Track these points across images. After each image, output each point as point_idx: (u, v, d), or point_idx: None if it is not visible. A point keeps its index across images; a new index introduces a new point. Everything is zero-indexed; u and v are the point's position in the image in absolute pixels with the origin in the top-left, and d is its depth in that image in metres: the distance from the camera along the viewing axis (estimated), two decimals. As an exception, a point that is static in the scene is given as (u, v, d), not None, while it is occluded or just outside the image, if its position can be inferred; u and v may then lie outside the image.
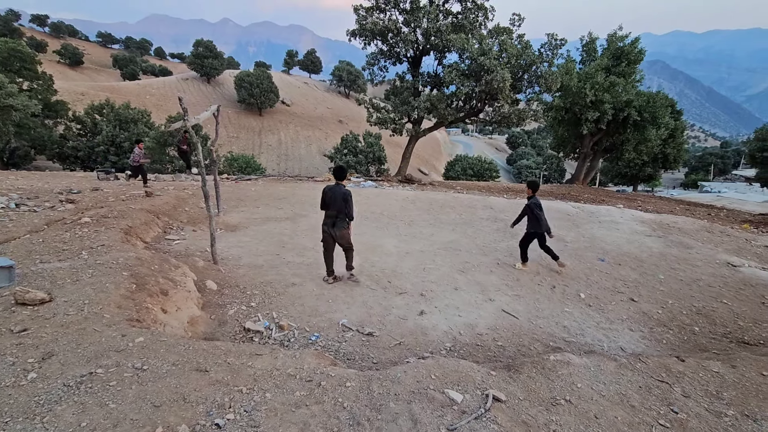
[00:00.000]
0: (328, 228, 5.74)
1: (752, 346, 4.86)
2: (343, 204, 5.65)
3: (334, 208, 5.68)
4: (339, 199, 5.63)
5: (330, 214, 5.72)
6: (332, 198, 5.66)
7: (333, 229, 5.73)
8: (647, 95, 21.04)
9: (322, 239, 5.87)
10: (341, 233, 5.77)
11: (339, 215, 5.69)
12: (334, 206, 5.67)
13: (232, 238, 7.71)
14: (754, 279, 6.91)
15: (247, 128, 60.10)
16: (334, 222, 5.71)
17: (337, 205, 5.64)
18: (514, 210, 11.02)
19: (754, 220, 13.69)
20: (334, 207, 5.67)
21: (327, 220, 5.75)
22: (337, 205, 5.65)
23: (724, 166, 75.22)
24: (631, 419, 2.98)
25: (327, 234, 5.78)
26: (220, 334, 4.55)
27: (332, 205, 5.67)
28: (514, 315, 5.47)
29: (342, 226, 5.74)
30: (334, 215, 5.70)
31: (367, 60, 18.07)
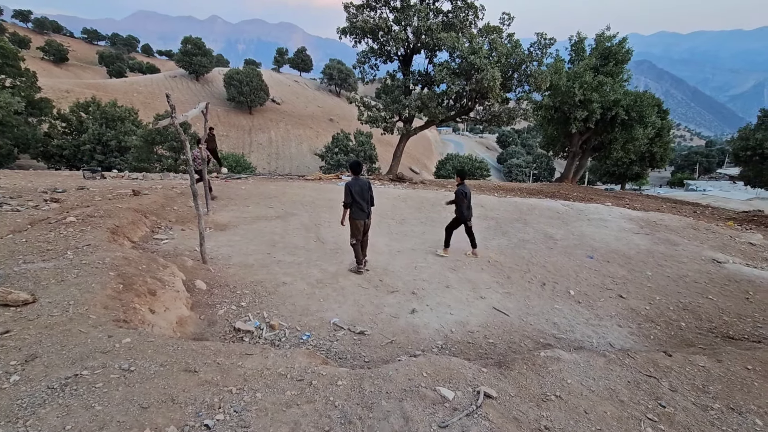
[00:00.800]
0: (365, 219, 6.23)
1: (737, 341, 4.95)
2: (369, 194, 6.25)
3: (363, 199, 6.15)
4: (366, 190, 6.19)
5: (362, 206, 6.15)
6: (360, 191, 6.10)
7: (368, 221, 6.29)
8: (634, 95, 21.31)
9: (354, 232, 6.25)
10: (370, 223, 6.40)
11: (369, 205, 6.29)
12: (363, 198, 6.13)
13: (222, 237, 7.63)
14: (738, 275, 7.05)
15: (237, 127, 59.57)
16: (369, 213, 6.27)
17: (365, 195, 6.17)
18: (504, 208, 11.11)
19: (738, 218, 13.97)
20: (363, 198, 6.14)
21: (361, 214, 6.17)
22: (365, 196, 6.16)
23: (709, 165, 76.63)
24: (620, 414, 3.02)
25: (362, 225, 6.24)
26: (209, 335, 4.50)
27: (361, 197, 6.12)
28: (505, 312, 5.50)
29: (371, 215, 6.36)
30: (366, 206, 6.21)
31: (357, 58, 18.01)
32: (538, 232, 9.13)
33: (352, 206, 6.13)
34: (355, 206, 6.11)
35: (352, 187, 6.07)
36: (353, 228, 6.22)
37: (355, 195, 6.05)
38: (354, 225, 6.21)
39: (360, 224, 6.21)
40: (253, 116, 63.02)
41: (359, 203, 6.10)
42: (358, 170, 6.21)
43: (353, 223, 6.19)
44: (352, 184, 6.09)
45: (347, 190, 6.06)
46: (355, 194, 6.05)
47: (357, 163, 6.26)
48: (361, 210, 6.15)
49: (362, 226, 6.23)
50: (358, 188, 6.09)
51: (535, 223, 9.80)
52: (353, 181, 6.14)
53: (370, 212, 6.28)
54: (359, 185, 6.14)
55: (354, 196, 6.05)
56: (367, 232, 6.41)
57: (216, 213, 8.98)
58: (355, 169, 6.22)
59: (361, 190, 6.11)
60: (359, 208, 6.12)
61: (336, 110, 76.43)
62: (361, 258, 6.40)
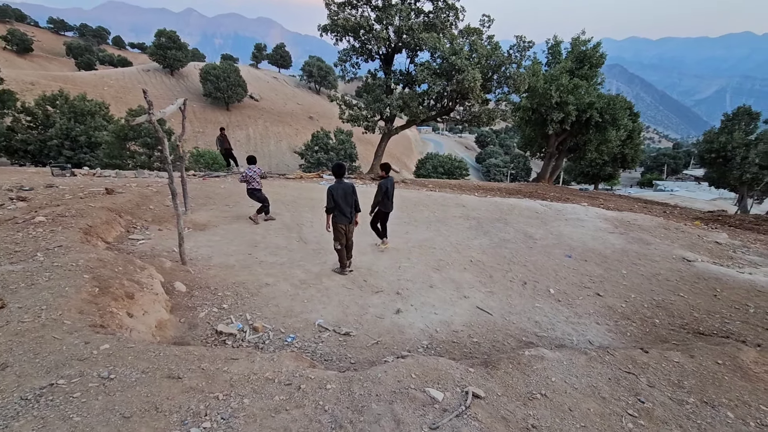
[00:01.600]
0: (347, 225, 6.16)
1: (707, 336, 5.18)
2: (353, 198, 6.15)
3: (347, 204, 6.05)
4: (349, 194, 6.09)
5: (344, 211, 6.04)
6: (343, 195, 6.00)
7: (351, 225, 6.19)
8: (608, 98, 21.99)
9: (337, 236, 6.15)
10: (353, 227, 6.34)
11: (352, 210, 6.19)
12: (346, 202, 6.03)
13: (201, 238, 7.44)
14: (706, 273, 7.37)
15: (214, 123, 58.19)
16: (352, 218, 6.16)
17: (349, 200, 6.06)
18: (485, 208, 11.26)
19: (704, 217, 14.61)
20: (346, 203, 6.03)
21: (343, 218, 6.06)
22: (348, 200, 6.05)
23: (676, 166, 79.82)
24: (603, 410, 3.11)
25: (345, 229, 6.17)
26: (190, 338, 4.38)
27: (344, 201, 6.01)
28: (489, 311, 5.58)
29: (353, 220, 6.29)
30: (349, 210, 6.10)
31: (339, 56, 17.88)
32: (519, 232, 9.31)
33: (335, 210, 6.02)
34: (338, 210, 5.99)
35: (334, 191, 5.94)
36: (336, 232, 6.12)
37: (338, 199, 5.94)
38: (337, 229, 6.11)
39: (342, 228, 6.12)
40: (230, 113, 61.73)
41: (342, 208, 5.98)
42: (340, 173, 6.05)
43: (336, 228, 6.10)
44: (334, 188, 5.96)
45: (329, 195, 5.93)
46: (337, 198, 5.93)
47: (339, 166, 6.09)
48: (344, 215, 6.04)
49: (345, 230, 6.15)
50: (341, 192, 5.98)
51: (516, 223, 9.98)
52: (336, 185, 6.00)
53: (353, 217, 6.20)
54: (342, 189, 6.02)
55: (336, 201, 5.93)
56: (350, 237, 6.35)
57: (194, 212, 8.75)
58: (338, 172, 6.05)
59: (344, 194, 6.00)
60: (341, 212, 6.01)
61: (316, 108, 75.72)
62: (345, 262, 6.35)
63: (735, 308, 6.06)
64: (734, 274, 7.32)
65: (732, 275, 7.26)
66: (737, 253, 8.83)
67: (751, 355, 4.20)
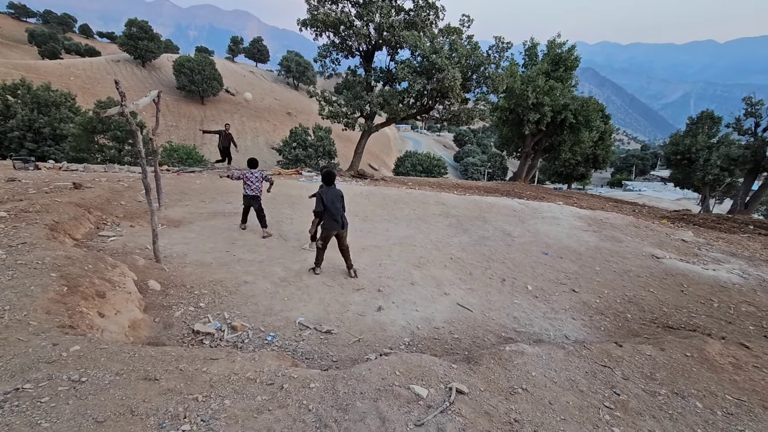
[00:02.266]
0: (338, 230, 6.01)
1: (676, 330, 5.40)
2: (342, 204, 6.07)
3: (336, 209, 5.92)
4: (338, 199, 6.01)
5: (335, 216, 5.91)
6: (332, 200, 5.88)
7: (343, 230, 6.06)
8: (581, 100, 22.62)
9: (322, 237, 6.06)
10: (346, 232, 6.17)
11: (343, 216, 6.05)
12: (335, 208, 5.91)
13: (176, 234, 7.22)
14: (674, 269, 7.69)
15: (188, 117, 56.61)
16: (343, 223, 6.02)
17: (338, 205, 5.97)
18: (465, 206, 11.39)
19: (670, 216, 15.24)
20: (336, 209, 5.92)
21: (334, 224, 5.93)
22: (338, 206, 5.96)
23: (643, 167, 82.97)
24: (581, 403, 3.19)
25: (332, 234, 6.03)
26: (166, 338, 4.24)
27: (334, 206, 5.89)
28: (469, 308, 5.64)
29: (347, 225, 6.14)
30: (339, 217, 5.97)
31: (318, 51, 17.64)
32: (497, 230, 9.46)
33: (325, 216, 5.88)
34: (328, 215, 5.86)
35: (324, 195, 5.82)
36: (324, 237, 6.03)
37: (328, 203, 5.81)
38: (325, 235, 6.00)
39: (332, 235, 6.01)
40: (205, 106, 60.13)
41: (332, 213, 5.85)
42: (330, 180, 5.95)
43: (324, 234, 5.99)
44: (324, 193, 5.85)
45: (319, 198, 5.81)
46: (327, 203, 5.80)
47: (330, 173, 5.97)
48: (334, 220, 5.89)
49: (332, 235, 6.03)
50: (331, 197, 5.86)
51: (494, 221, 10.14)
52: (326, 190, 5.89)
53: (344, 222, 6.04)
54: (332, 194, 5.90)
55: (327, 205, 5.81)
56: (344, 242, 6.16)
57: (169, 208, 8.48)
58: (328, 179, 5.95)
59: (333, 199, 5.88)
60: (332, 218, 5.87)
61: (294, 104, 74.70)
62: (320, 260, 6.24)
63: (701, 303, 6.35)
64: (700, 271, 7.67)
65: (697, 272, 7.61)
66: (702, 251, 9.25)
67: (716, 347, 4.41)
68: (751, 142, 19.56)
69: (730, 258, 8.79)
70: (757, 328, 5.57)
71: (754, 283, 7.28)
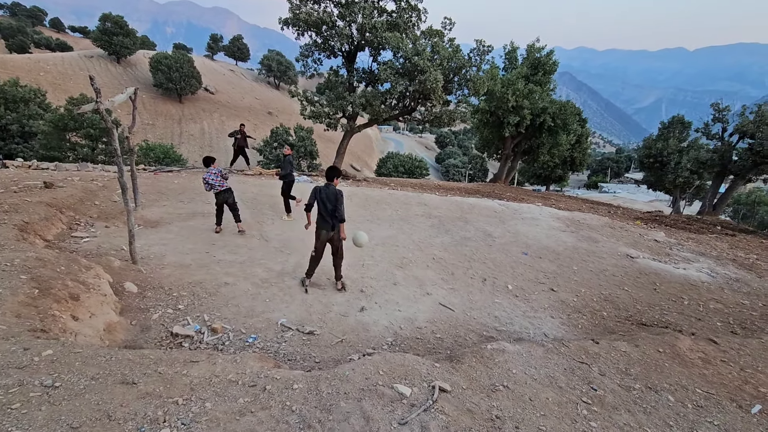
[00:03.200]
0: (328, 231, 5.63)
1: (649, 327, 5.59)
2: (333, 204, 5.54)
3: (326, 209, 5.55)
4: (331, 199, 5.53)
5: (324, 215, 5.58)
6: (325, 198, 5.52)
7: (333, 232, 5.65)
8: (559, 103, 23.16)
9: (315, 242, 5.72)
10: (338, 235, 5.71)
11: (333, 218, 5.59)
12: (326, 206, 5.54)
13: (154, 235, 7.04)
14: (647, 269, 7.97)
15: (165, 115, 55.26)
16: (333, 225, 5.61)
17: (328, 205, 5.54)
18: (447, 207, 11.50)
19: (644, 217, 15.76)
20: (326, 208, 5.54)
21: (324, 224, 5.60)
22: (327, 206, 5.53)
23: (618, 170, 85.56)
24: (560, 399, 3.27)
25: (326, 236, 5.66)
26: (143, 341, 4.14)
27: (323, 206, 5.54)
28: (451, 308, 5.70)
29: (337, 227, 5.67)
30: (329, 216, 5.58)
31: (300, 51, 17.52)
32: (479, 230, 9.59)
33: (318, 215, 5.63)
34: (319, 214, 5.62)
35: (318, 192, 5.57)
36: (316, 240, 5.74)
37: (319, 201, 5.55)
38: (316, 234, 5.71)
39: (321, 235, 5.66)
40: (183, 105, 58.81)
41: (322, 211, 5.58)
42: (331, 177, 5.67)
43: (317, 234, 5.70)
44: (319, 189, 5.59)
45: (312, 193, 5.61)
46: (320, 200, 5.55)
47: (333, 169, 5.74)
48: (324, 220, 5.60)
49: (324, 237, 5.67)
50: (324, 195, 5.55)
51: (475, 222, 10.27)
52: (323, 187, 5.61)
53: (334, 224, 5.62)
54: (326, 192, 5.56)
55: (317, 202, 5.57)
56: (336, 245, 5.78)
57: (146, 209, 8.27)
58: (329, 175, 5.69)
59: (325, 197, 5.53)
60: (322, 217, 5.60)
61: (275, 103, 73.87)
62: (312, 271, 5.90)
63: (672, 300, 6.59)
64: (671, 270, 7.97)
65: (669, 270, 7.90)
66: (673, 251, 9.61)
67: (687, 343, 4.59)
68: (719, 147, 20.41)
69: (699, 257, 9.16)
70: (724, 324, 5.83)
71: (721, 281, 7.60)
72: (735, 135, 19.18)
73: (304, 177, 14.49)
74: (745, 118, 18.37)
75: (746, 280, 7.72)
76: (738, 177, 19.48)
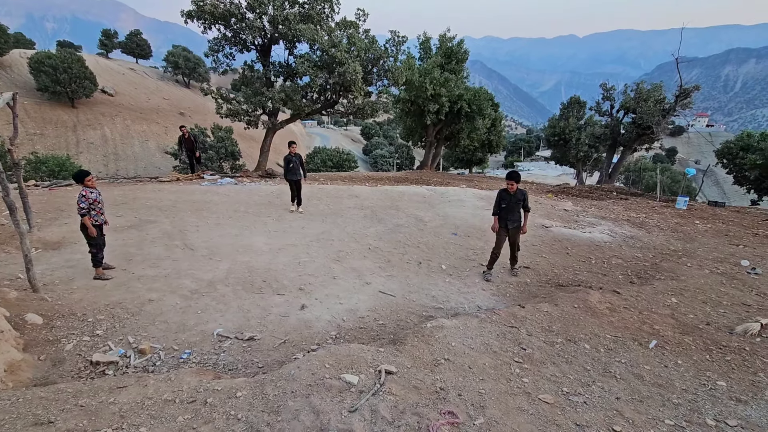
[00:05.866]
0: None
1: (565, 287, 6.23)
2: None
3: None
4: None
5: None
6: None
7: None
8: (474, 90, 24.47)
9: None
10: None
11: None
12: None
13: (57, 258, 6.27)
14: (560, 236, 8.83)
15: (56, 123, 48.69)
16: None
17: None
18: (378, 197, 11.66)
19: (554, 190, 17.37)
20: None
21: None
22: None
23: (530, 149, 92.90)
24: (495, 362, 3.55)
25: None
26: (57, 376, 3.70)
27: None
28: (391, 294, 5.85)
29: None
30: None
31: (209, 46, 16.42)
32: (410, 217, 9.88)
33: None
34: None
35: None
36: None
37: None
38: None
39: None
40: (77, 110, 52.21)
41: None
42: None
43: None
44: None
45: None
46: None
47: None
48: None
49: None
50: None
51: (406, 208, 10.57)
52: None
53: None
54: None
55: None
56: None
57: (43, 229, 7.31)
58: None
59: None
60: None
61: (186, 102, 68.60)
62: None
63: (582, 261, 7.40)
64: (579, 234, 8.91)
65: (578, 235, 8.83)
66: (580, 217, 10.74)
67: (596, 296, 5.21)
68: (609, 122, 23.07)
69: (601, 221, 10.35)
70: (624, 276, 6.69)
71: (619, 240, 8.68)
72: (621, 111, 21.77)
73: (227, 179, 13.76)
74: (628, 95, 20.92)
75: (639, 237, 8.90)
76: (626, 148, 22.20)
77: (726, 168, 20.26)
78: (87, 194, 5.53)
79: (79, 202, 5.48)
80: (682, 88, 18.92)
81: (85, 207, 5.48)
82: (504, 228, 6.55)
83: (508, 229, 6.57)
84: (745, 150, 18.25)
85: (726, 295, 5.53)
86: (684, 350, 4.06)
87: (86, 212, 5.51)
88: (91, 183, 5.66)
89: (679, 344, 4.17)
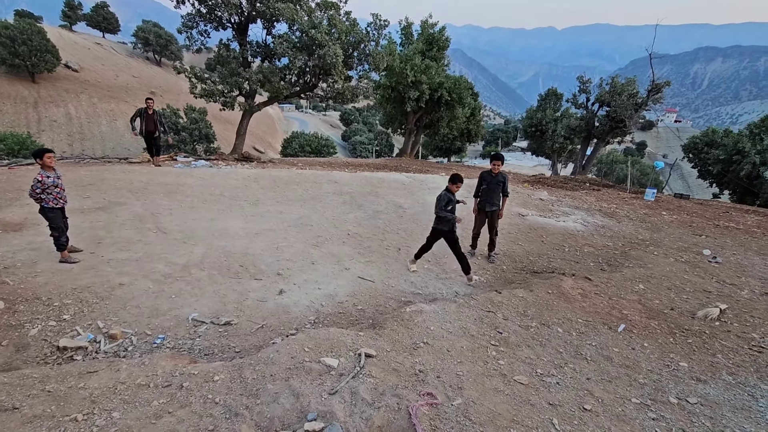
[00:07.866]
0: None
1: (539, 274, 6.40)
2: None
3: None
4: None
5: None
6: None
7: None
8: (454, 78, 24.45)
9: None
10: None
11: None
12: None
13: (19, 239, 5.95)
14: (535, 224, 9.03)
15: (15, 98, 45.83)
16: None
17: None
18: (357, 183, 11.58)
19: (530, 180, 17.72)
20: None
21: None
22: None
23: (507, 139, 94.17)
24: (473, 345, 3.62)
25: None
26: (21, 362, 3.54)
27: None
28: (370, 279, 5.86)
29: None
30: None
31: (182, 22, 15.69)
32: (389, 203, 9.88)
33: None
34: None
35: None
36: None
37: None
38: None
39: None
40: (38, 85, 49.25)
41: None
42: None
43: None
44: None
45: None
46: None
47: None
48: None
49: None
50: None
51: (386, 195, 10.55)
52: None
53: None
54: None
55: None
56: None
57: (3, 210, 6.91)
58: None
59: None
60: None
61: (157, 81, 65.76)
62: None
63: (556, 249, 7.61)
64: (554, 223, 9.14)
65: (552, 224, 9.06)
66: (554, 207, 11.01)
67: (569, 282, 5.37)
68: (585, 115, 23.59)
69: (575, 210, 10.64)
70: (595, 263, 6.92)
71: (591, 228, 8.96)
72: (596, 104, 22.28)
73: (201, 161, 13.35)
74: (603, 89, 21.40)
75: (609, 226, 9.22)
76: (600, 140, 22.80)
77: (691, 162, 21.16)
78: (42, 178, 5.19)
79: (33, 186, 5.18)
80: (654, 83, 19.50)
81: (39, 192, 5.18)
82: (483, 211, 6.65)
83: (486, 212, 6.67)
84: (709, 146, 19.10)
85: (689, 282, 5.82)
86: (650, 334, 4.26)
87: (39, 198, 5.21)
88: (50, 161, 5.35)
89: (646, 328, 4.36)
